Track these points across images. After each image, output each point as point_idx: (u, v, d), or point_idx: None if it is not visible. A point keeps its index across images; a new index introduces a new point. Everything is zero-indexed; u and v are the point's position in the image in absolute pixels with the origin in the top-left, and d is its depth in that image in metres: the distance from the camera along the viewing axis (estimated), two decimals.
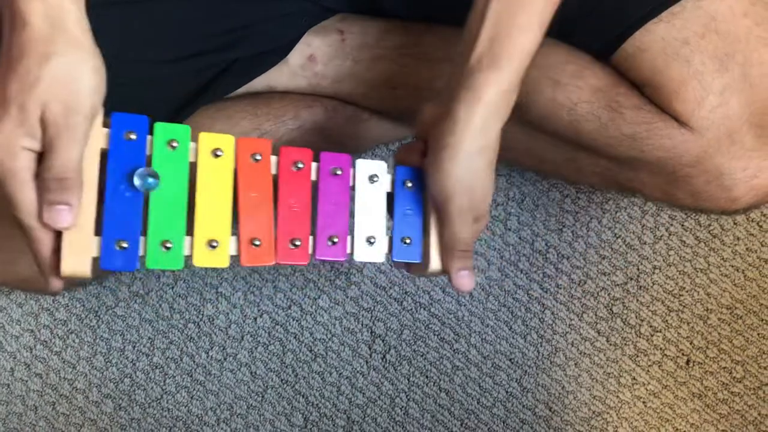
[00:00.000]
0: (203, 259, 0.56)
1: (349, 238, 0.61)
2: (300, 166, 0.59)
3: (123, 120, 0.55)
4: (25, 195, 0.51)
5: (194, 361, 0.89)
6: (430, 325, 0.89)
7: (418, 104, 0.79)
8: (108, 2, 0.67)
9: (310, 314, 0.89)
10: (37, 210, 0.52)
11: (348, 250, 0.60)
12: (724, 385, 0.89)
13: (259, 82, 0.80)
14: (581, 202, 0.91)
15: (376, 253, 0.61)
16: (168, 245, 0.55)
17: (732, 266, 0.89)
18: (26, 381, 0.89)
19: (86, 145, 0.53)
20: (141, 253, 0.55)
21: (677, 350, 0.89)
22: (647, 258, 0.90)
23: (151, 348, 0.89)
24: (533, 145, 0.78)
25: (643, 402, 0.89)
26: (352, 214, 0.61)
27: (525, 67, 0.57)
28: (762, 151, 0.66)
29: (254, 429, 0.88)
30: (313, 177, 0.60)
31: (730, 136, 0.65)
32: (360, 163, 0.61)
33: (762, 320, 0.89)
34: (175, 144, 0.56)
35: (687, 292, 0.89)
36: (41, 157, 0.52)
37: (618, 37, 0.67)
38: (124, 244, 0.54)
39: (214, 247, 0.56)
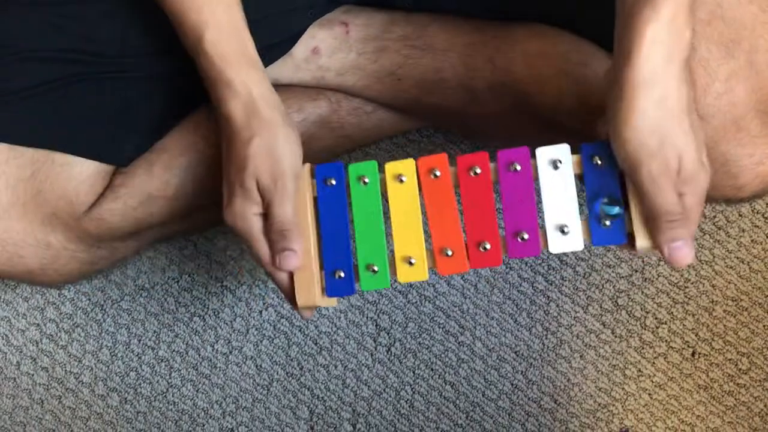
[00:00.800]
0: (405, 275, 0.63)
1: (540, 231, 0.60)
2: (477, 171, 0.61)
3: (323, 170, 0.65)
4: (262, 249, 0.64)
5: (200, 355, 0.89)
6: (435, 318, 0.89)
7: (423, 96, 0.79)
8: None
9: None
10: (271, 258, 0.64)
11: (541, 244, 0.60)
12: (729, 376, 0.89)
13: None
14: None
15: (573, 242, 0.59)
16: (374, 269, 0.63)
17: (737, 258, 0.89)
18: (32, 375, 0.89)
19: (296, 199, 0.63)
20: (355, 278, 0.64)
21: (683, 342, 0.89)
22: None
23: (157, 341, 0.89)
24: (535, 136, 0.78)
25: (649, 394, 0.89)
26: (540, 207, 0.60)
27: None
28: None
29: (260, 422, 0.88)
30: (493, 178, 0.61)
31: (736, 123, 0.65)
32: (540, 151, 0.60)
33: (767, 312, 0.89)
34: (366, 180, 0.64)
35: (692, 283, 0.89)
36: (265, 217, 0.64)
37: None
38: (342, 274, 0.64)
39: (412, 263, 0.63)
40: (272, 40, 0.77)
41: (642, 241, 0.57)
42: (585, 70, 0.69)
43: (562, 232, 0.59)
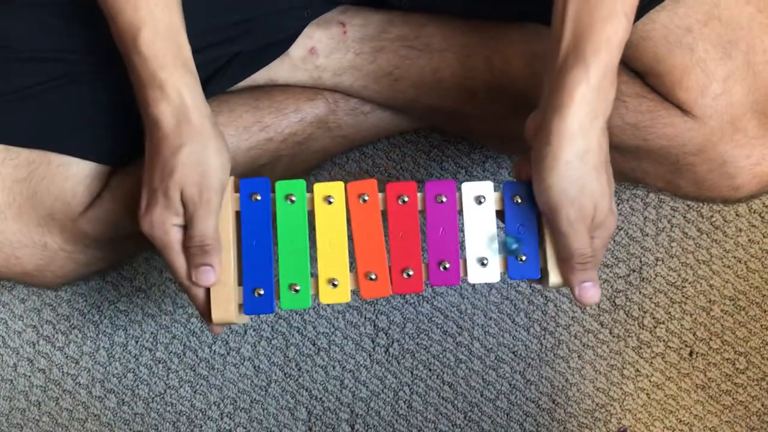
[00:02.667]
0: (327, 296, 0.63)
1: (461, 261, 0.62)
2: (405, 199, 0.62)
3: (248, 185, 0.64)
4: (178, 262, 0.62)
5: (197, 356, 0.89)
6: (433, 318, 0.89)
7: (420, 96, 0.79)
8: None
9: (313, 308, 0.89)
10: (187, 273, 0.62)
11: (462, 274, 0.62)
12: (727, 376, 0.89)
13: (261, 76, 0.80)
14: None
15: (491, 274, 0.62)
16: (296, 288, 0.63)
17: (734, 257, 0.89)
18: (29, 376, 0.89)
19: (219, 213, 0.62)
20: (275, 296, 0.63)
21: (680, 342, 0.89)
22: (650, 249, 0.90)
23: (154, 343, 0.89)
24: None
25: (647, 393, 0.89)
26: (462, 238, 0.62)
27: (616, 58, 0.55)
28: (765, 138, 0.66)
29: (258, 423, 0.88)
30: (420, 207, 0.63)
31: (733, 123, 0.65)
32: (465, 186, 0.62)
33: (765, 311, 0.89)
34: (293, 198, 0.63)
35: (690, 283, 0.89)
36: (185, 229, 0.62)
37: None
38: (261, 291, 0.63)
39: (335, 285, 0.63)
40: (269, 39, 0.76)
41: (554, 278, 0.61)
42: None
43: (482, 264, 0.62)
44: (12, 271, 0.73)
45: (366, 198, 0.63)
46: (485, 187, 0.62)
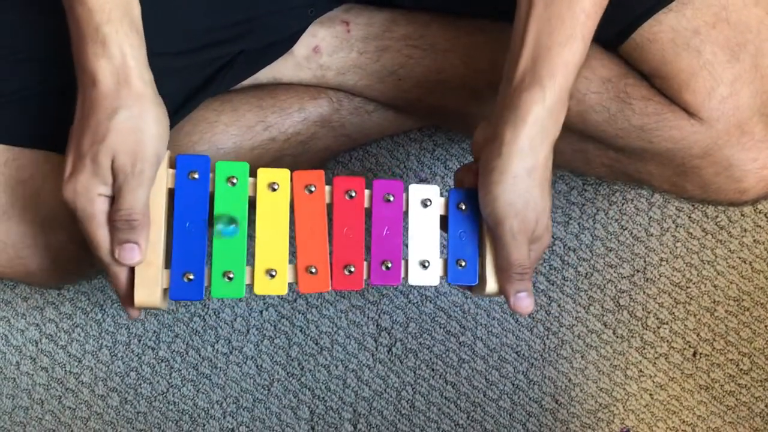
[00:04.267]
0: (263, 287, 0.60)
1: (403, 262, 0.62)
2: (352, 194, 0.61)
3: (186, 161, 0.60)
4: (101, 235, 0.58)
5: (200, 355, 0.89)
6: (436, 318, 0.89)
7: (424, 95, 0.79)
8: None
9: (316, 307, 0.89)
10: (110, 248, 0.58)
11: (402, 275, 0.62)
12: (730, 377, 0.89)
13: (264, 74, 0.79)
14: (588, 194, 0.90)
15: (431, 277, 0.62)
16: (230, 275, 0.59)
17: (739, 258, 0.89)
18: (32, 375, 0.89)
19: (152, 187, 0.58)
20: (206, 283, 0.60)
21: (684, 342, 0.89)
22: (654, 250, 0.90)
23: (157, 341, 0.89)
24: None
25: (650, 394, 0.89)
26: (406, 239, 0.62)
27: (571, 81, 0.56)
28: None
29: (260, 422, 0.88)
30: (366, 204, 0.62)
31: (740, 126, 0.65)
32: (413, 188, 0.62)
33: None
34: (234, 180, 0.60)
35: (694, 283, 0.89)
36: (112, 201, 0.57)
37: (627, 28, 0.67)
38: (191, 276, 0.59)
39: (273, 276, 0.60)
40: (273, 38, 0.76)
41: (491, 286, 0.62)
42: (585, 71, 0.69)
43: (423, 266, 0.62)
44: (15, 270, 0.73)
45: (312, 189, 0.60)
46: (432, 191, 0.62)
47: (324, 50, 0.78)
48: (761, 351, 0.89)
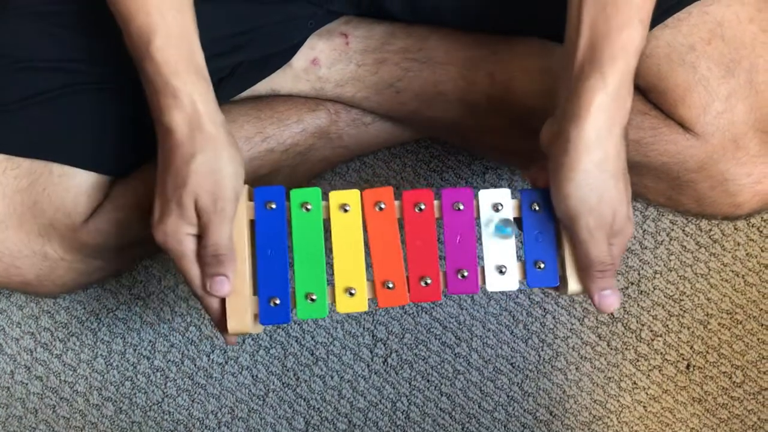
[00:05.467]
0: (344, 305, 0.62)
1: (479, 269, 0.62)
2: (422, 207, 0.62)
3: (263, 193, 0.63)
4: (193, 271, 0.62)
5: (195, 365, 0.89)
6: (431, 329, 0.89)
7: (421, 108, 0.79)
8: None
9: (311, 318, 0.89)
10: (201, 282, 0.61)
11: (479, 282, 0.62)
12: (724, 389, 0.89)
13: (263, 86, 0.80)
14: None
15: (510, 282, 0.62)
16: (313, 297, 0.62)
17: (732, 271, 0.90)
18: (26, 384, 0.88)
19: (233, 222, 0.61)
20: (291, 306, 0.63)
21: (678, 354, 0.89)
22: (648, 262, 0.90)
23: (152, 351, 0.89)
24: (536, 150, 0.78)
25: (644, 406, 0.89)
26: (480, 246, 0.61)
27: (633, 65, 0.55)
28: (767, 156, 0.66)
29: None
30: (437, 215, 0.62)
31: (735, 141, 0.65)
32: (483, 193, 0.62)
33: (762, 325, 0.89)
34: (309, 206, 0.62)
35: (687, 296, 0.90)
36: (199, 239, 0.61)
37: None
38: (277, 301, 0.62)
39: (352, 294, 0.62)
40: (271, 49, 0.77)
41: (574, 286, 0.61)
42: None
43: (500, 272, 0.61)
44: (12, 280, 0.73)
45: (382, 206, 0.62)
46: (503, 195, 0.62)
47: (322, 62, 0.79)
48: (754, 364, 0.89)
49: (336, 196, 0.63)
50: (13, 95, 0.69)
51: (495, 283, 0.61)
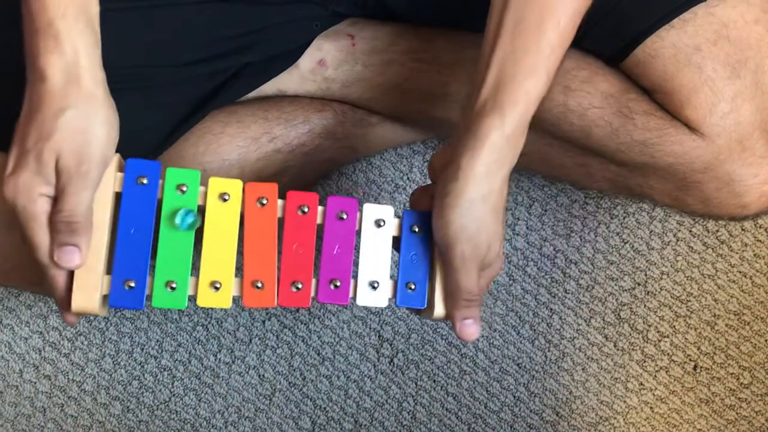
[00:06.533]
0: (206, 299, 0.58)
1: (352, 281, 0.61)
2: (305, 210, 0.60)
3: (136, 165, 0.58)
4: (41, 236, 0.55)
5: (202, 364, 0.89)
6: (437, 329, 0.90)
7: (428, 109, 0.79)
8: (120, 7, 0.67)
9: (318, 318, 0.90)
10: (50, 250, 0.55)
11: (351, 294, 0.61)
12: (731, 390, 0.89)
13: (270, 87, 0.80)
14: (590, 207, 0.91)
15: (379, 298, 0.61)
16: (173, 285, 0.58)
17: (740, 272, 0.90)
18: (35, 383, 0.89)
19: (96, 190, 0.56)
20: (147, 292, 0.58)
21: (684, 356, 0.89)
22: (655, 263, 0.90)
23: (160, 350, 0.89)
24: (543, 149, 0.78)
25: (650, 407, 0.89)
26: (357, 259, 0.61)
27: (531, 112, 0.56)
28: None
29: None
30: (319, 221, 0.61)
31: (741, 142, 0.65)
32: (367, 207, 0.61)
33: None
34: (184, 188, 0.58)
35: (695, 297, 0.90)
36: (55, 202, 0.55)
37: (629, 44, 0.67)
38: (132, 284, 0.57)
39: (217, 288, 0.58)
40: (278, 50, 0.77)
41: (439, 310, 0.60)
42: (587, 86, 0.69)
43: (373, 287, 0.61)
44: (13, 280, 0.73)
45: (265, 202, 0.59)
46: (386, 212, 0.61)
47: (329, 63, 0.79)
48: (761, 365, 0.89)
49: (216, 183, 0.59)
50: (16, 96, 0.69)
51: (365, 298, 0.60)
